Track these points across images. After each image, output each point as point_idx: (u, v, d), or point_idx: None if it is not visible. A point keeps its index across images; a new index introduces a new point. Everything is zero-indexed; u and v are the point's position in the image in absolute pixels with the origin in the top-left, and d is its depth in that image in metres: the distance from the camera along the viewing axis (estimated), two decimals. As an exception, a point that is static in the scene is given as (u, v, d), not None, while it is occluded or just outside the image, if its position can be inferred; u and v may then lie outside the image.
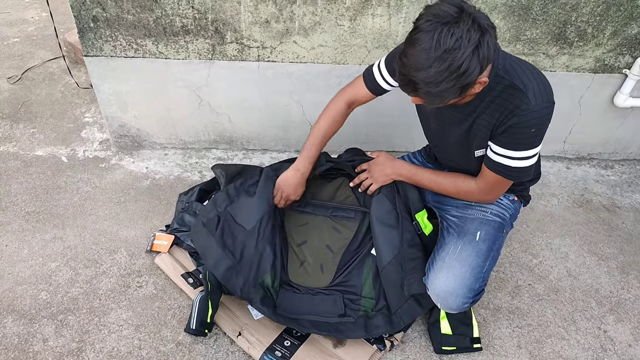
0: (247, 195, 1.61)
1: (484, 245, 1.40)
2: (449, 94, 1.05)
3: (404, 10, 1.80)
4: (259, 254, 1.49)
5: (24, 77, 2.73)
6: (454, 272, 1.35)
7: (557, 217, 2.02)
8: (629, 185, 2.22)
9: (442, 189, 1.47)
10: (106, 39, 1.87)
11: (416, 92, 1.07)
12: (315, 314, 1.48)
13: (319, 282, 1.55)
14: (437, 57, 0.99)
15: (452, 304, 1.35)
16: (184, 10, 1.80)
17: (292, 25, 1.84)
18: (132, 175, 2.11)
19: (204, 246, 1.52)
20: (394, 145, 2.28)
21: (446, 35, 0.97)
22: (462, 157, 1.41)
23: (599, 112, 2.15)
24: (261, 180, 1.61)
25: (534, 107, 1.15)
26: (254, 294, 1.45)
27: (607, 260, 1.84)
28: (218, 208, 1.58)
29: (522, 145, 1.22)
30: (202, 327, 1.46)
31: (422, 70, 1.01)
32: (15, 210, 1.90)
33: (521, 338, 1.57)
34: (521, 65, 1.20)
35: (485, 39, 0.99)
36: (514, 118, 1.17)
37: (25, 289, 1.62)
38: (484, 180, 1.36)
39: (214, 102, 2.09)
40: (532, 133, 1.20)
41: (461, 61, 0.98)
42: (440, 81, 1.01)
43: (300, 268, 1.58)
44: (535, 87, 1.16)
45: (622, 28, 1.87)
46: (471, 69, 1.00)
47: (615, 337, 1.59)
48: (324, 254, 1.59)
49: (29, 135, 2.30)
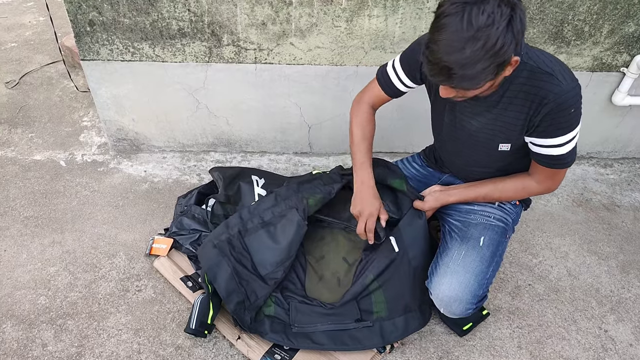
0: (265, 227, 1.54)
1: (488, 250, 1.39)
2: (485, 75, 1.00)
3: (400, 11, 1.80)
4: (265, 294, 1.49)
5: (22, 82, 2.73)
6: (458, 278, 1.34)
7: (557, 217, 2.02)
8: (629, 184, 2.21)
9: (498, 198, 1.42)
10: (103, 43, 1.87)
11: (450, 78, 1.01)
12: (331, 322, 1.45)
13: (335, 296, 1.53)
14: (470, 36, 0.94)
15: (455, 309, 1.35)
16: (180, 14, 1.80)
17: (289, 27, 1.84)
18: (131, 178, 2.10)
19: (216, 271, 1.47)
20: (393, 147, 2.28)
21: (477, 14, 0.94)
22: (480, 153, 1.36)
23: (598, 111, 2.15)
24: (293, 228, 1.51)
25: (566, 86, 1.11)
26: (260, 326, 1.45)
27: (607, 260, 1.84)
28: (230, 231, 1.53)
29: (565, 129, 1.18)
30: (201, 328, 1.46)
31: (456, 52, 0.96)
32: (14, 215, 1.90)
33: (522, 338, 1.57)
34: (537, 51, 1.17)
35: (517, 12, 0.96)
36: (550, 104, 1.13)
37: (24, 294, 1.62)
38: (542, 174, 1.31)
39: (211, 105, 2.08)
40: (572, 114, 1.15)
41: (496, 37, 0.94)
42: (476, 61, 0.97)
43: (319, 283, 1.57)
44: (559, 68, 1.13)
45: (619, 26, 1.87)
46: (507, 45, 0.96)
47: (616, 336, 1.58)
48: (341, 266, 1.59)
49: (27, 140, 2.30)
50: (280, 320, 1.47)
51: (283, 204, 1.56)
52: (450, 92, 1.11)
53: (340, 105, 2.09)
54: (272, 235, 1.54)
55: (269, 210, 1.56)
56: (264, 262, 1.51)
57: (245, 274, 1.48)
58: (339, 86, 2.02)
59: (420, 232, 1.48)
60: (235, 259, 1.49)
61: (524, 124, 1.21)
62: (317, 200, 1.54)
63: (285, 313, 1.48)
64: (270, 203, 1.58)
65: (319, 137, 2.22)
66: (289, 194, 1.57)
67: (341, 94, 2.05)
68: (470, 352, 1.52)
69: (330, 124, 2.16)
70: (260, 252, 1.52)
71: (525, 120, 1.20)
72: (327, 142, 2.25)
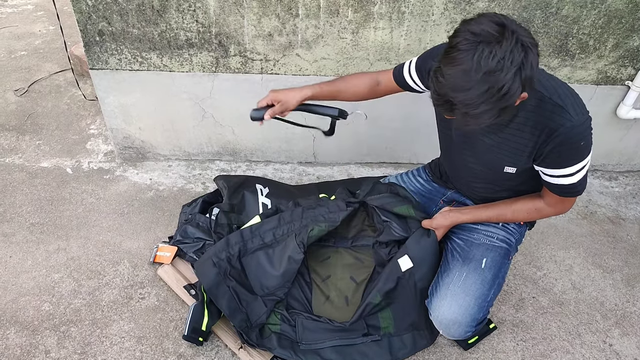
0: (263, 249, 1.55)
1: (490, 273, 1.38)
2: (487, 116, 1.00)
3: (406, 24, 1.81)
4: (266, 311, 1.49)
5: (31, 90, 2.77)
6: (458, 301, 1.33)
7: (561, 229, 2.01)
8: (634, 197, 2.20)
9: (509, 219, 1.41)
10: (112, 53, 1.90)
11: (452, 112, 1.02)
12: (339, 338, 1.45)
13: (345, 315, 1.53)
14: (478, 79, 0.94)
15: (454, 332, 1.34)
16: (188, 24, 1.82)
17: (295, 38, 1.86)
18: (136, 186, 2.12)
19: (216, 293, 1.47)
20: (397, 158, 2.28)
21: (487, 57, 0.92)
22: (488, 172, 1.35)
23: (602, 124, 2.15)
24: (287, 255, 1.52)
25: (577, 121, 1.11)
26: (268, 342, 1.45)
27: (612, 273, 1.83)
28: (231, 250, 1.54)
29: (574, 160, 1.18)
30: (194, 334, 1.46)
31: (462, 91, 0.96)
32: (20, 222, 1.92)
33: (525, 352, 1.55)
34: (550, 79, 1.16)
35: (528, 58, 0.94)
36: (560, 137, 1.13)
37: (28, 300, 1.63)
38: (553, 198, 1.31)
39: (217, 115, 2.10)
40: (581, 146, 1.16)
41: (503, 83, 0.94)
42: (479, 103, 0.96)
43: (326, 303, 1.57)
44: (572, 101, 1.13)
45: (623, 40, 1.88)
46: (512, 91, 0.95)
47: (620, 350, 1.57)
48: (348, 285, 1.59)
49: (34, 147, 2.32)
50: (287, 337, 1.47)
51: (285, 227, 1.57)
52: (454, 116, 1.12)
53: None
54: (270, 258, 1.54)
55: (271, 232, 1.57)
56: (261, 285, 1.52)
57: (245, 295, 1.49)
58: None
59: (429, 250, 1.47)
60: (234, 279, 1.50)
61: (531, 152, 1.21)
62: (320, 231, 1.54)
63: (292, 330, 1.48)
64: (272, 225, 1.59)
65: (323, 147, 2.23)
66: (292, 218, 1.58)
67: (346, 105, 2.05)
68: (473, 364, 1.51)
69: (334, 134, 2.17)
70: (257, 274, 1.53)
71: (534, 148, 1.20)
72: (332, 152, 2.26)
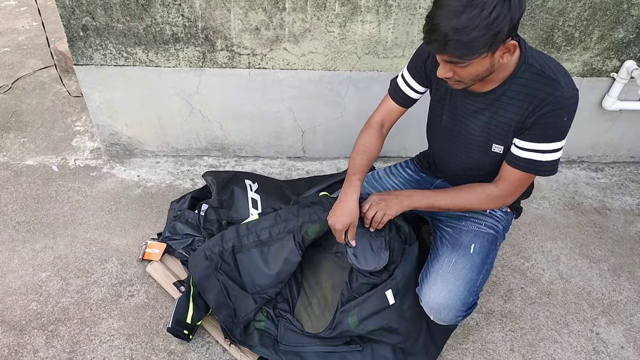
0: (259, 247, 1.53)
1: (478, 258, 1.39)
2: (479, 45, 1.03)
3: (393, 17, 1.81)
4: (254, 309, 1.49)
5: (15, 87, 2.72)
6: (448, 286, 1.34)
7: (549, 220, 2.03)
8: (619, 188, 2.23)
9: (462, 205, 1.37)
10: (96, 48, 1.87)
11: (445, 45, 1.04)
12: (321, 344, 1.45)
13: (316, 326, 1.51)
14: (467, 2, 0.99)
15: (445, 317, 1.35)
16: (174, 19, 1.80)
17: (282, 32, 1.85)
18: (124, 183, 2.10)
19: (205, 285, 1.47)
20: (386, 152, 2.29)
21: None
22: (475, 154, 1.35)
23: (588, 116, 2.17)
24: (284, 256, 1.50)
25: (567, 94, 1.14)
26: (250, 339, 1.45)
27: (599, 263, 1.85)
28: (225, 244, 1.52)
29: (553, 137, 1.20)
30: (179, 327, 1.45)
31: (453, 18, 1.00)
32: (5, 220, 1.89)
33: (514, 341, 1.57)
34: (544, 56, 1.20)
35: None
36: (547, 106, 1.15)
37: (15, 300, 1.61)
38: (507, 180, 1.29)
39: (205, 110, 2.09)
40: (564, 122, 1.18)
41: (492, 6, 0.99)
42: (471, 28, 1.00)
43: (308, 308, 1.56)
44: (563, 75, 1.16)
45: (608, 32, 1.90)
46: (502, 15, 1.00)
47: (607, 339, 1.59)
48: (329, 293, 1.57)
49: (19, 145, 2.29)
50: (269, 335, 1.47)
51: (282, 225, 1.55)
52: (446, 71, 1.13)
53: (333, 110, 2.09)
54: (265, 256, 1.52)
55: (267, 229, 1.55)
56: (253, 282, 1.51)
57: (234, 290, 1.48)
58: (332, 91, 2.03)
59: (411, 270, 1.45)
60: (225, 273, 1.49)
61: (517, 124, 1.23)
62: (315, 231, 1.51)
63: (276, 328, 1.49)
64: (269, 222, 1.56)
65: (312, 141, 2.22)
66: (288, 216, 1.56)
67: (334, 99, 2.06)
68: (463, 355, 1.53)
69: (323, 129, 2.17)
70: (250, 271, 1.52)
71: (520, 122, 1.22)
72: (321, 146, 2.25)
